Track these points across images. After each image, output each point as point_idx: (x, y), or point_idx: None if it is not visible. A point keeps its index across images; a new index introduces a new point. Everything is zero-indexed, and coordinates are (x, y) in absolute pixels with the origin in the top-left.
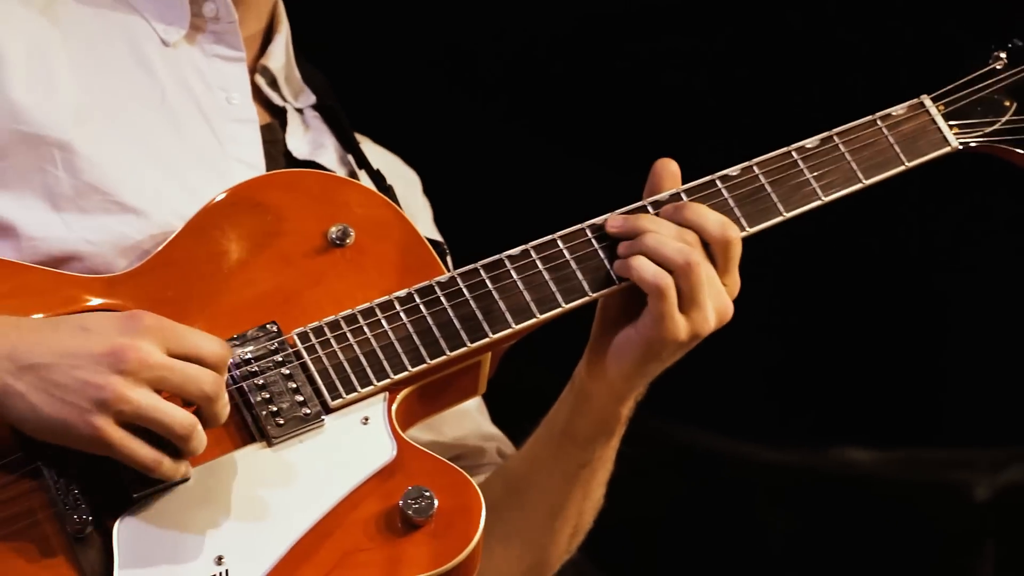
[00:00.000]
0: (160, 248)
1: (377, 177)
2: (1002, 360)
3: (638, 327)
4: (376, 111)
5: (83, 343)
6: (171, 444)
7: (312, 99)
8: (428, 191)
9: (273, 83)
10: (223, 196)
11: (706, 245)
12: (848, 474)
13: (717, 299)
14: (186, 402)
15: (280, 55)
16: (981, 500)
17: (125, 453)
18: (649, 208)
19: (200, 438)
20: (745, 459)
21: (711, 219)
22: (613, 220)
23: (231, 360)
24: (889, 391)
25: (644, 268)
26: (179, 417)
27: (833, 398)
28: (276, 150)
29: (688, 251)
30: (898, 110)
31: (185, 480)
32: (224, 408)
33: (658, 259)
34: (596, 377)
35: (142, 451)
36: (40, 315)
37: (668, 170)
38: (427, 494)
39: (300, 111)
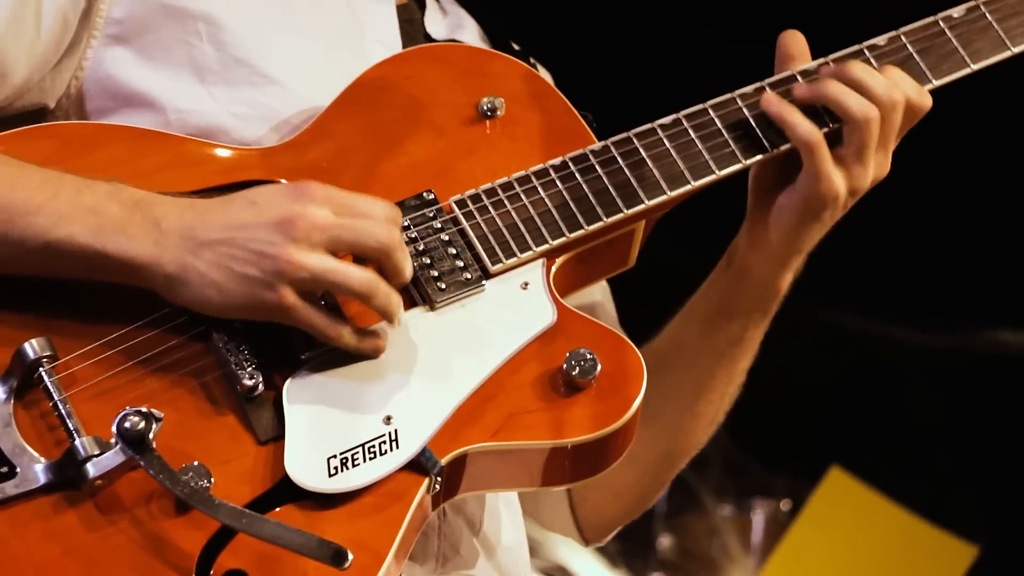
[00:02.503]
0: (312, 121)
1: (521, 56)
2: None
3: (797, 186)
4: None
5: (255, 215)
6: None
7: None
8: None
9: None
10: (371, 70)
11: None
12: (999, 355)
13: (882, 157)
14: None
15: None
16: None
17: (306, 320)
18: (799, 78)
19: (385, 295)
20: (895, 342)
21: (912, 84)
22: (800, 86)
23: None
24: None
25: (798, 123)
26: (357, 274)
27: (983, 280)
28: (414, 30)
29: (869, 106)
30: None
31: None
32: (405, 259)
33: (834, 108)
34: (756, 246)
35: (322, 319)
36: (201, 185)
37: (797, 44)
38: (590, 356)
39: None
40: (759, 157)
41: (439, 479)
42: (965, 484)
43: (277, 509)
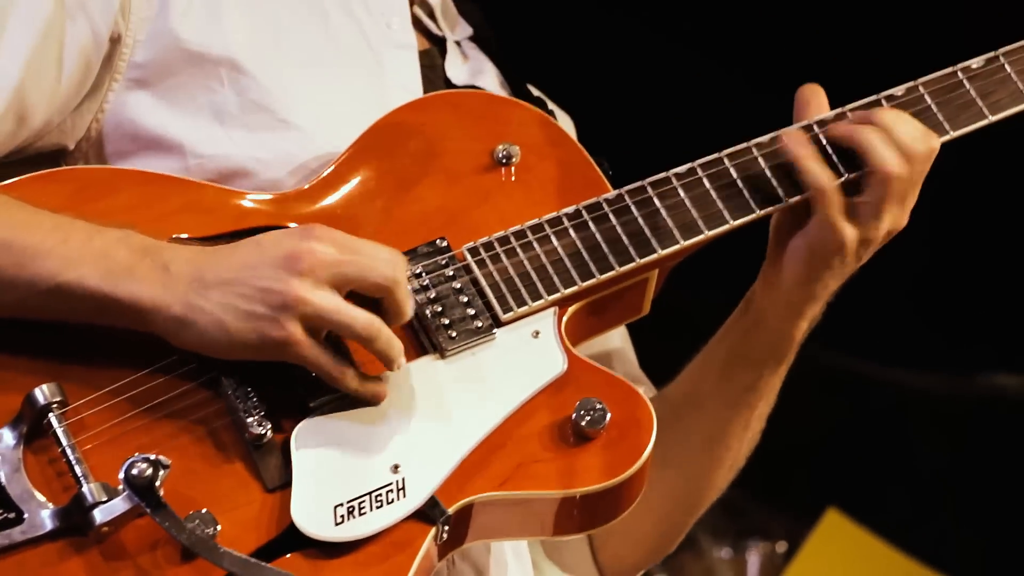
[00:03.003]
0: (329, 168)
1: (538, 103)
2: None
3: (806, 232)
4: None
5: (260, 255)
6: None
7: (468, 31)
8: (581, 136)
9: (431, 15)
10: (388, 116)
11: None
12: (997, 399)
13: (898, 209)
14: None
15: None
16: None
17: (311, 358)
18: (815, 128)
19: (387, 339)
20: (894, 385)
21: (918, 127)
22: (837, 125)
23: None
24: None
25: (812, 168)
26: (360, 315)
27: (982, 324)
28: (435, 76)
29: (899, 163)
30: None
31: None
32: (407, 298)
33: (861, 151)
34: (770, 292)
35: (327, 358)
36: (213, 231)
37: (816, 96)
38: (599, 406)
39: (458, 43)
40: (772, 208)
41: (446, 528)
42: (963, 528)
43: (284, 557)
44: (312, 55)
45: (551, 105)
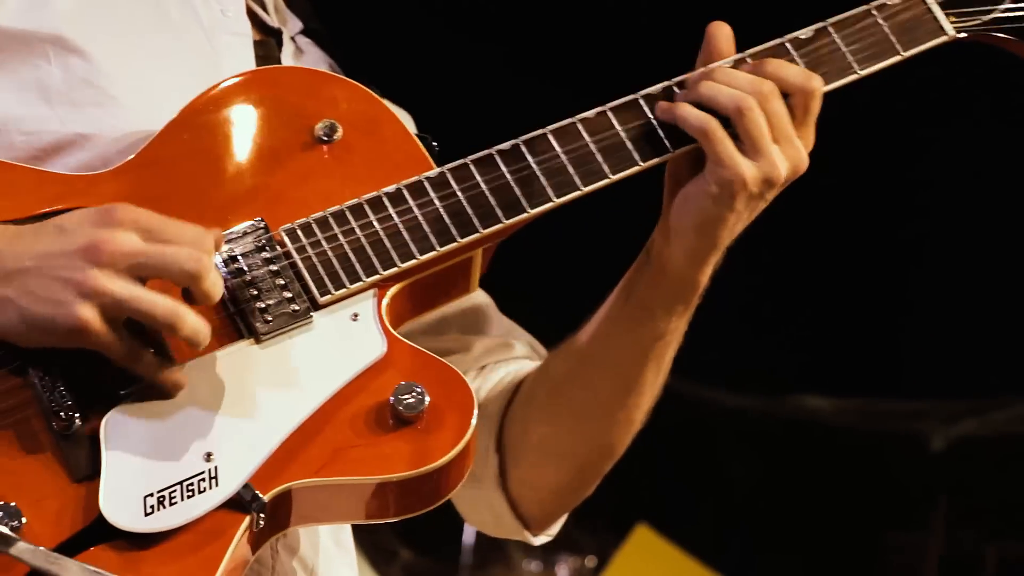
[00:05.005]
0: (143, 146)
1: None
2: (960, 314)
3: (704, 175)
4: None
5: (61, 243)
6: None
7: (299, 25)
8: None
9: (262, 6)
10: (207, 92)
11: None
12: (807, 421)
13: (788, 147)
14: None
15: None
16: (936, 451)
17: (105, 345)
18: (676, 89)
19: (192, 325)
20: (706, 403)
21: (793, 70)
22: (691, 76)
23: (218, 255)
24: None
25: (688, 114)
26: (161, 303)
27: (794, 346)
28: (271, 65)
29: (739, 96)
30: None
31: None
32: (213, 286)
33: (710, 106)
34: (671, 239)
35: (120, 344)
36: (22, 215)
37: (723, 33)
38: (418, 390)
39: (292, 39)
40: (595, 186)
41: (262, 516)
42: (769, 545)
43: (91, 550)
44: (143, 35)
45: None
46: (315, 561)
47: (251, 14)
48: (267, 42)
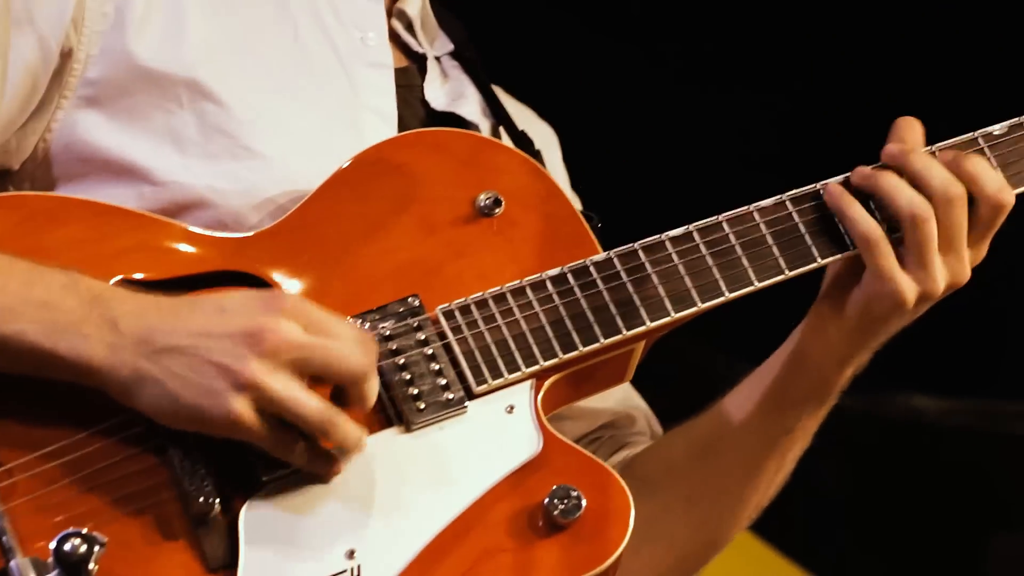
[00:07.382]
0: (294, 208)
1: (523, 141)
2: None
3: (862, 285)
4: (505, 56)
5: (221, 323)
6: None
7: (449, 46)
8: (566, 152)
9: (409, 28)
10: (365, 153)
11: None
12: (913, 421)
13: (953, 260)
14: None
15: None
16: None
17: (258, 438)
18: (821, 192)
19: (343, 431)
20: None
21: (990, 176)
22: (890, 148)
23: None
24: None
25: (857, 216)
26: (314, 410)
27: (901, 344)
28: (412, 97)
29: (918, 203)
30: None
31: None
32: (372, 390)
33: (885, 203)
34: (816, 337)
35: (271, 434)
36: (166, 275)
37: (913, 131)
38: (574, 494)
39: (438, 59)
40: (770, 282)
41: None
42: (868, 547)
43: None
44: (279, 75)
45: (535, 123)
46: None
47: (392, 36)
48: (409, 69)
